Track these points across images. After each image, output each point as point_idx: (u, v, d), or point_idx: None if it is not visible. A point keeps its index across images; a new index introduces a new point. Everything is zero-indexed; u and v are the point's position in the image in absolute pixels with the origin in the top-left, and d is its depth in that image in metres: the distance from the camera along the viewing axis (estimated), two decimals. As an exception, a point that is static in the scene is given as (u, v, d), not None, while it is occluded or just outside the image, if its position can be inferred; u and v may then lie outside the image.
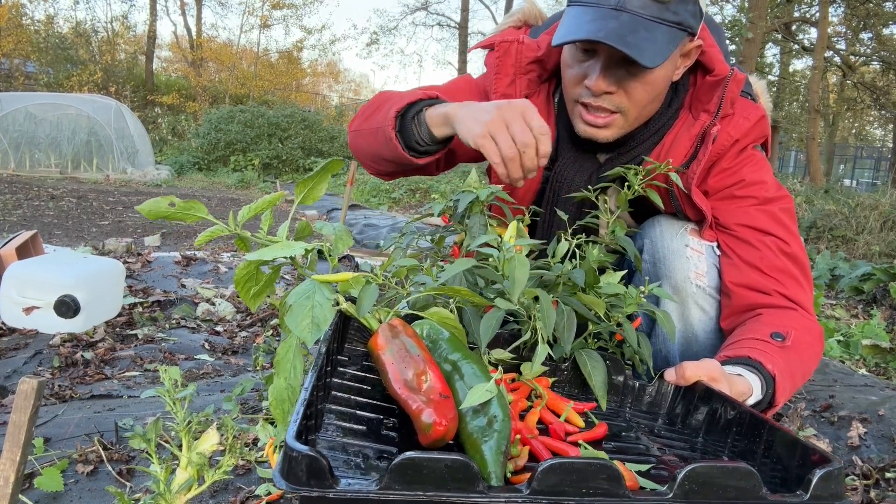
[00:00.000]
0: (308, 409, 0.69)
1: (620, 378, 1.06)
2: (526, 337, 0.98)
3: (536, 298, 0.97)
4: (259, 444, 1.35)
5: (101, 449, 1.32)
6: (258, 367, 1.89)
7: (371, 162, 1.46)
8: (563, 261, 1.08)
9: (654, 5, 1.15)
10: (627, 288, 1.07)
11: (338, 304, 0.91)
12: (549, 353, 0.96)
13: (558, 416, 0.94)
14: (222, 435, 0.91)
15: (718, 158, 1.30)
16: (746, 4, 13.11)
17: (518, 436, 0.82)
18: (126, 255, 3.68)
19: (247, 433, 1.34)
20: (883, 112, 21.45)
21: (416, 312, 0.97)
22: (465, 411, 0.77)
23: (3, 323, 2.21)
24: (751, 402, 1.05)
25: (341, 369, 0.96)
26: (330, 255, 0.93)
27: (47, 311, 2.16)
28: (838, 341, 2.89)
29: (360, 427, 0.81)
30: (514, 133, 1.10)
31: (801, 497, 0.66)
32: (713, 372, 0.99)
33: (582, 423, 0.92)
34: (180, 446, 0.87)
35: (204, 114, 15.84)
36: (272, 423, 1.36)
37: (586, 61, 1.23)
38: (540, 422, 0.92)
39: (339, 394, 0.88)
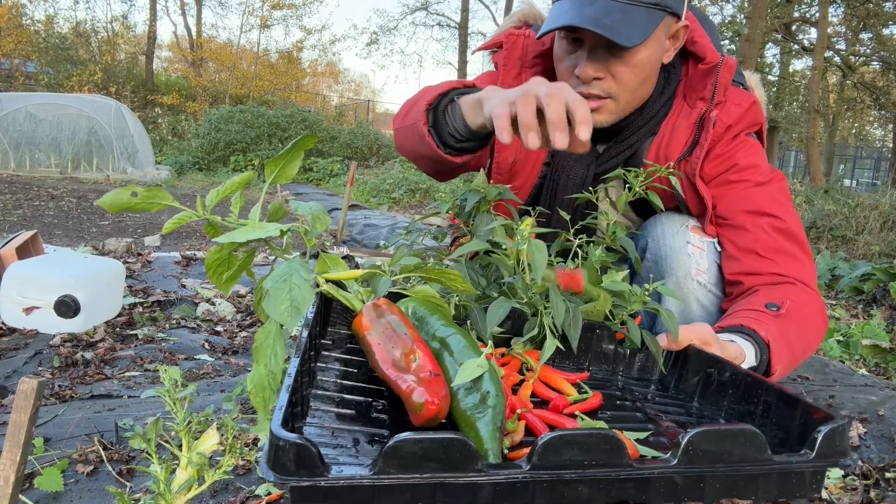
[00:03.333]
0: (293, 396, 0.67)
1: (611, 346, 1.06)
2: (534, 332, 0.98)
3: (544, 294, 0.97)
4: (259, 444, 1.36)
5: (101, 449, 1.32)
6: (258, 367, 1.88)
7: (415, 162, 1.34)
8: (564, 260, 1.09)
9: None
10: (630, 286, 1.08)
11: (318, 285, 0.88)
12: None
13: (551, 388, 0.93)
14: (222, 435, 0.91)
15: (713, 146, 1.31)
16: (746, 4, 13.10)
17: (518, 411, 0.80)
18: (126, 255, 3.68)
19: (247, 433, 1.34)
20: (883, 112, 21.44)
21: (400, 291, 0.95)
22: (457, 389, 0.76)
23: (3, 323, 2.21)
24: (745, 366, 1.04)
25: (325, 353, 0.94)
26: (307, 236, 0.90)
27: (47, 311, 2.16)
28: (838, 341, 2.89)
29: (349, 411, 0.79)
30: (544, 103, 0.92)
31: (806, 456, 0.65)
32: (705, 336, 1.00)
33: (575, 393, 0.91)
34: (180, 446, 0.87)
35: (204, 114, 15.84)
36: (272, 423, 1.36)
37: (574, 52, 1.27)
38: (533, 395, 0.91)
39: (324, 378, 0.86)
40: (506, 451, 0.72)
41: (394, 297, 0.94)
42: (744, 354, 1.04)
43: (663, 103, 1.36)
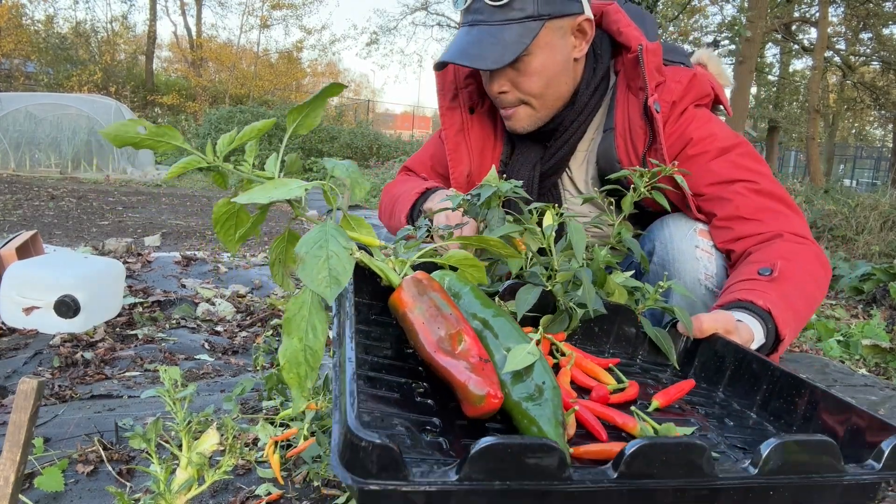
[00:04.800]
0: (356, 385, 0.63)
1: (632, 329, 1.06)
2: (560, 315, 1.00)
3: (571, 281, 0.99)
4: (259, 444, 1.35)
5: (101, 449, 1.32)
6: (258, 367, 1.89)
7: None
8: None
9: (497, 11, 1.28)
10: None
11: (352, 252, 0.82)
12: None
13: (585, 375, 0.91)
14: (222, 435, 0.91)
15: (663, 126, 1.33)
16: (746, 4, 13.10)
17: (574, 408, 0.77)
18: (126, 255, 3.67)
19: (247, 433, 1.34)
20: (883, 112, 21.45)
21: (431, 260, 0.92)
22: (505, 377, 0.72)
23: (3, 323, 2.21)
24: (755, 345, 1.05)
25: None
26: (331, 194, 0.84)
27: (47, 311, 2.16)
28: (838, 341, 2.89)
29: (393, 394, 0.75)
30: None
31: (873, 468, 0.65)
32: (728, 324, 1.01)
33: (614, 382, 0.90)
34: (180, 446, 0.87)
35: (204, 114, 15.84)
36: (272, 423, 1.36)
37: (485, 73, 1.39)
38: (570, 381, 0.88)
39: (359, 355, 0.82)
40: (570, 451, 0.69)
41: (425, 268, 0.91)
42: (752, 333, 1.04)
43: (591, 94, 1.41)
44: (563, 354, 0.94)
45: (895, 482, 1.42)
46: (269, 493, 1.18)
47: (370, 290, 0.96)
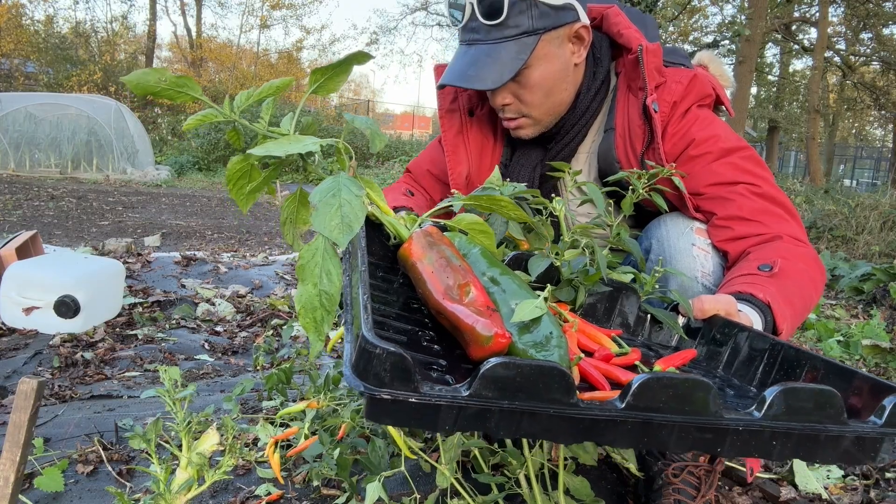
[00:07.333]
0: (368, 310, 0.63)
1: (634, 309, 1.07)
2: (564, 286, 1.01)
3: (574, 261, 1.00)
4: (259, 444, 1.35)
5: (101, 449, 1.32)
6: (258, 367, 1.89)
7: None
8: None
9: (493, 30, 1.28)
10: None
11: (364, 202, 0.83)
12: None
13: (588, 339, 0.93)
14: (222, 435, 0.91)
15: (665, 126, 1.34)
16: (746, 4, 13.10)
17: (580, 356, 0.78)
18: (126, 255, 3.67)
19: (247, 433, 1.34)
20: (883, 112, 21.46)
21: (440, 222, 0.93)
22: (512, 328, 0.73)
23: (3, 323, 2.21)
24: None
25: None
26: (346, 155, 0.85)
27: (47, 311, 2.16)
28: (838, 341, 2.89)
29: (401, 337, 0.76)
30: None
31: (875, 423, 0.66)
32: (730, 307, 1.02)
33: (616, 348, 0.91)
34: (180, 446, 0.87)
35: (204, 114, 15.81)
36: (272, 423, 1.36)
37: None
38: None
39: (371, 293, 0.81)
40: None
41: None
42: (752, 323, 1.05)
43: (592, 97, 1.42)
44: (565, 322, 0.94)
45: None
46: (269, 493, 1.18)
47: (375, 251, 0.97)
